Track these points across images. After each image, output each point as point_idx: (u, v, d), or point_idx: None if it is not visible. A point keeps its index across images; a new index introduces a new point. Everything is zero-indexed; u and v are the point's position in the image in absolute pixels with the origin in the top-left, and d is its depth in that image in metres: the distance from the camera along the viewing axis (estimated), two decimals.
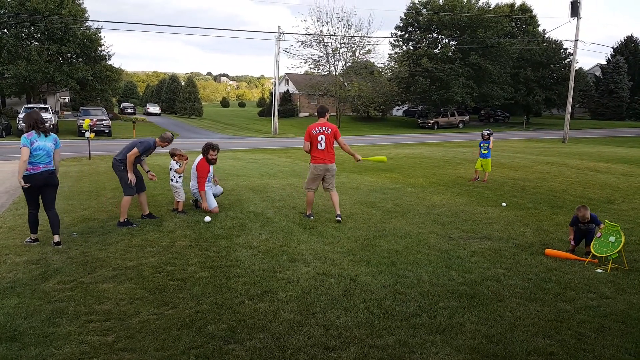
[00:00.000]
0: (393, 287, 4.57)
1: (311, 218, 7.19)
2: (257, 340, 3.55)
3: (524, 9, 51.39)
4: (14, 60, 28.95)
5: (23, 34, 30.67)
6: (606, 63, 56.65)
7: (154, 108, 57.35)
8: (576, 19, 28.24)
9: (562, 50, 45.96)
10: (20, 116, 25.45)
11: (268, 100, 65.10)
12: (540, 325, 3.84)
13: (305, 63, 44.35)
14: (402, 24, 44.57)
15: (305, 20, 73.19)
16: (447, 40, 42.72)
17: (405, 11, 44.30)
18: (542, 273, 5.03)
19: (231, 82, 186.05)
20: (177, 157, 7.53)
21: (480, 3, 43.07)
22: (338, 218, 7.03)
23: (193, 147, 19.42)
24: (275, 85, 38.25)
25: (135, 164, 6.89)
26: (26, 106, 27.40)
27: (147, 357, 3.30)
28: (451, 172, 12.65)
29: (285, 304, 4.17)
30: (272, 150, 20.72)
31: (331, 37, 41.60)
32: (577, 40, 28.86)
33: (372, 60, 45.99)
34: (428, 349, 3.44)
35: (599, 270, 5.13)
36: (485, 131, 11.36)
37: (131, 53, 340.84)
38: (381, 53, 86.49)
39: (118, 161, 6.78)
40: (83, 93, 36.53)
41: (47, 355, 3.30)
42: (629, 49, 57.61)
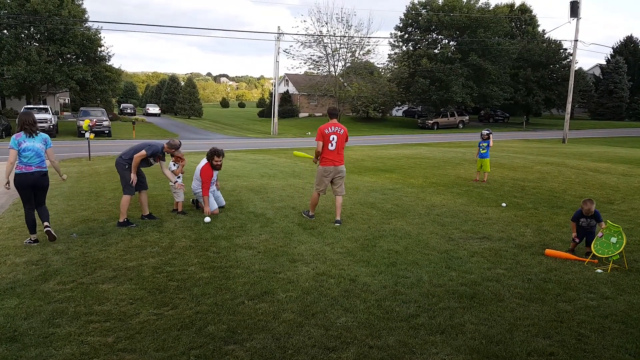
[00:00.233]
0: (393, 288, 4.57)
1: (312, 218, 7.20)
2: (257, 340, 3.55)
3: (524, 9, 51.45)
4: (14, 60, 28.96)
5: (23, 35, 30.69)
6: (606, 63, 56.66)
7: (154, 109, 57.35)
8: (576, 19, 28.27)
9: (562, 50, 45.99)
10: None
11: (268, 100, 65.14)
12: (540, 325, 3.84)
13: (305, 63, 44.47)
14: (402, 25, 44.62)
15: (304, 20, 73.42)
16: (447, 40, 42.74)
17: (404, 11, 44.39)
18: (542, 273, 5.04)
19: (231, 83, 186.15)
20: (175, 159, 7.51)
21: (479, 3, 43.11)
22: (337, 223, 6.92)
23: (193, 148, 19.43)
24: (275, 85, 38.25)
25: (140, 166, 6.89)
26: (26, 107, 27.41)
27: (147, 358, 3.30)
28: (451, 173, 12.65)
29: (285, 305, 4.17)
30: (272, 150, 20.73)
31: (331, 38, 41.67)
32: (577, 40, 28.88)
33: (372, 60, 46.13)
34: (428, 350, 3.44)
35: (599, 270, 5.14)
36: (484, 131, 11.39)
37: (131, 54, 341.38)
38: (381, 53, 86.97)
39: (123, 160, 6.76)
40: (83, 94, 36.53)
41: (47, 355, 3.30)
42: (629, 49, 57.63)
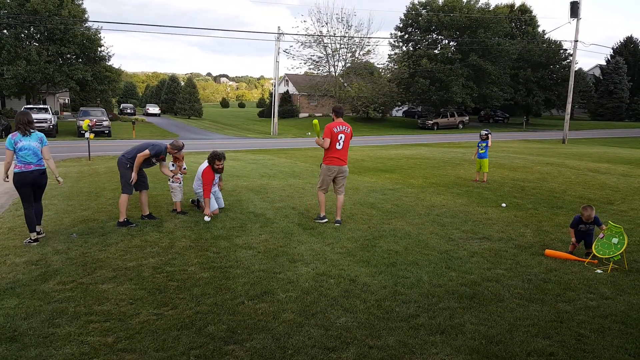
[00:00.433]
0: (393, 288, 4.57)
1: (325, 221, 6.95)
2: (257, 340, 3.55)
3: (524, 10, 51.44)
4: (14, 60, 28.95)
5: (23, 35, 30.69)
6: (606, 64, 56.65)
7: (154, 109, 57.34)
8: (576, 20, 28.27)
9: (562, 50, 46.01)
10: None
11: (268, 100, 65.13)
12: (540, 325, 3.84)
13: (305, 64, 44.66)
14: (402, 25, 44.62)
15: (305, 21, 73.66)
16: (447, 40, 42.75)
17: (404, 12, 44.39)
18: (542, 274, 5.04)
19: (231, 83, 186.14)
20: (174, 159, 7.51)
21: (479, 4, 43.12)
22: (337, 224, 6.90)
23: (193, 148, 19.43)
24: (275, 85, 38.25)
25: (142, 166, 6.88)
26: (25, 107, 27.40)
27: (147, 358, 3.30)
28: (451, 173, 12.65)
29: (285, 305, 4.17)
30: (272, 150, 20.72)
31: (331, 38, 41.73)
32: (577, 40, 28.88)
33: (372, 60, 46.31)
34: (428, 350, 3.44)
35: (599, 270, 5.14)
36: (483, 131, 11.42)
37: (131, 54, 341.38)
38: (381, 54, 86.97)
39: (126, 159, 6.74)
40: (83, 94, 36.52)
41: (47, 355, 3.30)
42: (629, 50, 57.65)
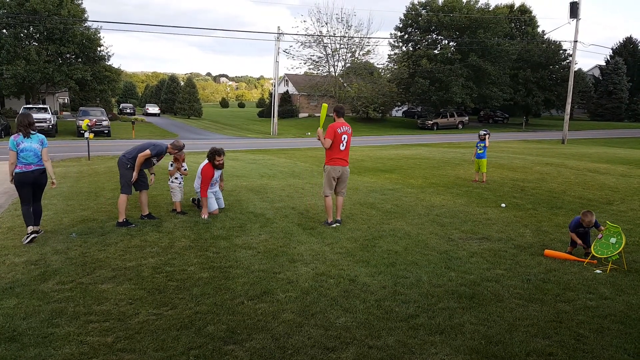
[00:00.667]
0: (392, 288, 4.57)
1: (333, 226, 6.81)
2: (257, 340, 3.55)
3: (524, 10, 51.50)
4: (13, 60, 28.94)
5: (22, 34, 30.66)
6: (605, 64, 56.69)
7: (153, 108, 57.30)
8: (575, 20, 28.29)
9: (562, 51, 46.02)
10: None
11: (267, 100, 65.13)
12: (539, 325, 3.84)
13: (304, 64, 44.66)
14: (402, 25, 44.63)
15: (304, 21, 73.57)
16: (447, 41, 42.78)
17: (404, 12, 44.41)
18: (542, 274, 5.04)
19: (230, 83, 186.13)
20: (173, 159, 7.50)
21: (479, 4, 43.16)
22: (337, 223, 6.91)
23: (193, 148, 19.41)
24: (274, 85, 38.26)
25: (143, 166, 6.87)
26: (25, 107, 27.38)
27: (147, 358, 3.30)
28: (450, 173, 12.66)
29: (284, 305, 4.17)
30: (272, 150, 20.72)
31: (331, 38, 41.73)
32: (577, 41, 28.90)
33: (372, 61, 46.29)
34: (427, 350, 3.44)
35: (598, 271, 5.14)
36: (481, 131, 11.45)
37: (130, 53, 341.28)
38: (381, 54, 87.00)
39: (126, 159, 6.73)
40: (82, 93, 36.51)
41: (46, 355, 3.30)
42: (628, 50, 57.70)
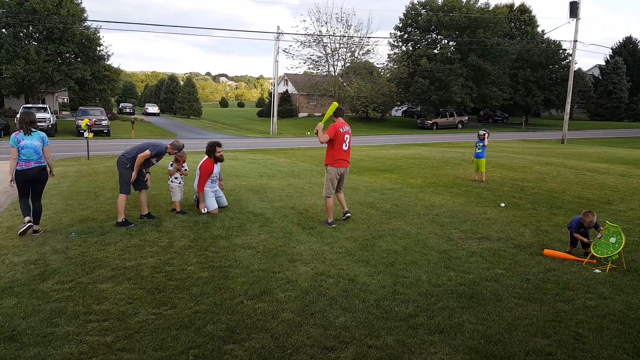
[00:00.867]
0: (392, 288, 4.58)
1: (333, 226, 6.82)
2: (256, 340, 3.55)
3: (523, 10, 51.47)
4: (12, 60, 28.92)
5: (21, 34, 30.64)
6: (605, 64, 56.69)
7: (153, 108, 57.25)
8: (575, 20, 28.29)
9: (561, 51, 46.03)
10: (18, 116, 25.49)
11: (267, 100, 65.13)
12: (538, 325, 3.85)
13: (304, 63, 44.55)
14: (402, 25, 44.63)
15: (304, 20, 73.18)
16: (446, 40, 42.77)
17: (404, 11, 44.41)
18: (541, 273, 5.04)
19: (230, 82, 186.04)
20: (174, 160, 7.49)
21: (479, 3, 43.14)
22: (348, 214, 7.16)
23: (193, 147, 19.39)
24: (274, 85, 38.25)
25: (143, 166, 6.87)
26: (24, 106, 27.37)
27: (146, 357, 3.30)
28: (450, 173, 12.66)
29: (284, 304, 4.17)
30: (271, 150, 20.72)
31: (330, 38, 41.70)
32: (576, 41, 28.90)
33: (372, 60, 46.19)
34: (427, 349, 3.45)
35: (598, 270, 5.15)
36: (481, 131, 11.45)
37: (130, 53, 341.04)
38: (380, 53, 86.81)
39: (126, 159, 6.72)
40: (82, 93, 36.50)
41: (46, 355, 3.30)
42: (628, 50, 57.70)
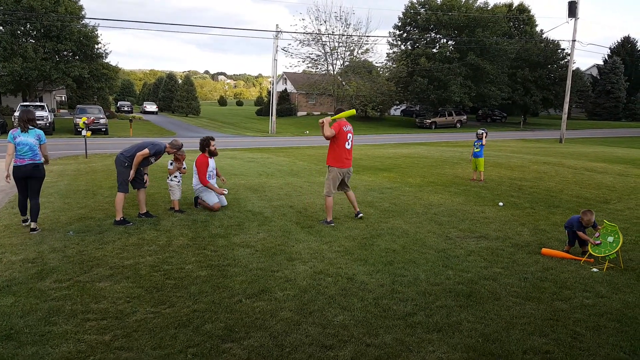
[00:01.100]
0: (390, 286, 4.58)
1: (332, 225, 6.79)
2: (255, 339, 3.55)
3: (522, 9, 51.50)
4: (10, 57, 28.85)
5: (19, 32, 30.57)
6: (603, 63, 56.76)
7: (151, 106, 57.15)
8: (574, 20, 28.31)
9: (560, 50, 46.04)
10: (16, 114, 25.45)
11: (266, 99, 65.03)
12: (536, 323, 3.86)
13: (303, 62, 44.54)
14: (401, 24, 44.60)
15: (303, 19, 73.39)
16: (445, 40, 42.76)
17: (403, 10, 44.37)
18: (539, 272, 5.06)
19: (229, 81, 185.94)
20: (174, 158, 7.48)
21: (478, 3, 43.11)
22: (360, 214, 7.19)
23: (192, 146, 19.36)
24: (273, 84, 38.20)
25: (141, 165, 6.86)
26: (22, 104, 27.29)
27: (144, 356, 3.30)
28: (449, 172, 12.67)
29: (282, 303, 4.17)
30: (270, 149, 20.70)
31: (329, 36, 41.65)
32: (575, 40, 28.92)
33: (370, 59, 46.09)
34: (425, 348, 3.45)
35: (595, 269, 5.16)
36: (479, 130, 11.46)
37: (128, 51, 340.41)
38: (379, 52, 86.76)
39: (124, 157, 6.71)
40: (79, 91, 36.43)
41: (44, 354, 3.29)
42: (626, 50, 57.75)
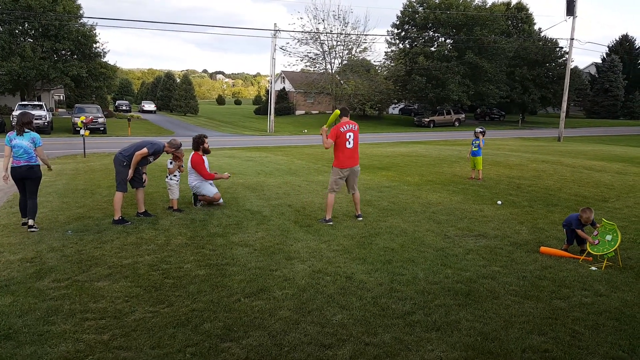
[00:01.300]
0: (389, 285, 4.59)
1: (330, 223, 6.79)
2: (253, 338, 3.55)
3: (520, 8, 51.53)
4: (8, 57, 28.76)
5: (17, 31, 30.45)
6: (601, 62, 56.80)
7: (149, 105, 57.10)
8: (572, 18, 28.32)
9: (558, 48, 46.06)
10: (14, 114, 25.40)
11: (264, 98, 65.04)
12: (535, 322, 3.86)
13: (301, 61, 44.40)
14: (399, 22, 44.59)
15: (301, 18, 73.21)
16: (444, 38, 42.78)
17: (401, 9, 44.35)
18: (537, 271, 5.06)
19: (227, 80, 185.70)
20: (173, 157, 7.47)
21: (476, 1, 43.13)
22: (360, 218, 7.13)
23: (190, 145, 19.37)
24: (271, 83, 38.14)
25: (139, 164, 6.85)
26: (20, 103, 27.23)
27: (143, 356, 3.30)
28: (447, 171, 12.68)
29: (281, 302, 4.17)
30: (268, 148, 20.70)
31: (327, 35, 41.62)
32: (573, 39, 28.93)
33: (369, 58, 46.08)
34: (424, 346, 3.45)
35: (594, 268, 5.17)
36: (477, 129, 11.47)
37: (126, 50, 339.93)
38: (377, 51, 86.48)
39: (123, 157, 6.69)
40: (78, 90, 36.41)
41: (42, 353, 3.29)
42: (624, 48, 57.81)
